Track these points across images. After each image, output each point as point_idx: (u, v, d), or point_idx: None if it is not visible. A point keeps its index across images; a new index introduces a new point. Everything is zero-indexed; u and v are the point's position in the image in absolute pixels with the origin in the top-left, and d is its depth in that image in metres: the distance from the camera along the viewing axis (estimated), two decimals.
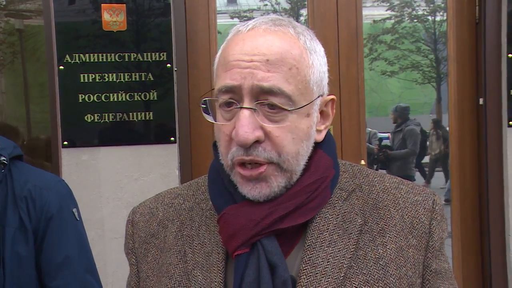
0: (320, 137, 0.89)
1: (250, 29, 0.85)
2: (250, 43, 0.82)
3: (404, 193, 0.92)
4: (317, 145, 0.89)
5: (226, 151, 0.85)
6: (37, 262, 1.38)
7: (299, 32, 0.86)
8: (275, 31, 0.84)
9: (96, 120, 2.44)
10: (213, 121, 0.86)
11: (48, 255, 1.38)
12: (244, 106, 0.81)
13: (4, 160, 1.36)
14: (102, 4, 2.43)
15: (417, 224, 0.89)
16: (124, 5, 2.45)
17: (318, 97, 0.87)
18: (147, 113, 2.48)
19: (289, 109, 0.81)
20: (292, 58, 0.82)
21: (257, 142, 0.81)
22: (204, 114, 0.87)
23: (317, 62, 0.86)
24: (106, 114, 2.45)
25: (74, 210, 1.46)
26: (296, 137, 0.83)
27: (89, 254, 1.47)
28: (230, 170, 0.86)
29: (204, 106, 0.87)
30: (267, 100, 0.81)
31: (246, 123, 0.80)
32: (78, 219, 1.47)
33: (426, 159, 7.94)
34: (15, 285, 1.33)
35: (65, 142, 2.43)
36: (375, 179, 0.94)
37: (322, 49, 0.89)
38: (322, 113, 0.89)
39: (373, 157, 6.16)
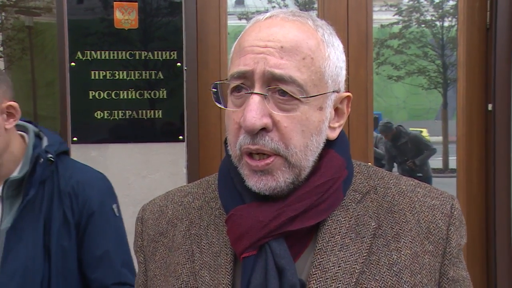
0: (334, 134, 0.87)
1: (267, 17, 0.84)
2: (266, 30, 0.81)
3: (421, 197, 0.88)
4: (329, 144, 0.86)
5: (234, 139, 0.82)
6: (78, 255, 1.44)
7: (318, 25, 0.85)
8: (293, 21, 0.83)
9: (105, 117, 2.45)
10: (224, 107, 0.84)
11: (89, 249, 1.44)
12: (254, 91, 0.79)
13: (51, 157, 1.41)
14: (114, 2, 2.44)
15: (434, 230, 0.85)
16: (136, 3, 2.45)
17: (333, 92, 0.84)
18: (156, 111, 2.48)
19: (300, 97, 0.79)
20: (307, 48, 0.80)
21: (265, 130, 0.79)
22: (215, 101, 0.86)
23: (334, 55, 0.84)
24: (116, 112, 2.46)
25: (114, 206, 1.51)
26: (306, 130, 0.80)
27: (126, 248, 1.51)
28: (238, 161, 0.84)
29: (215, 90, 0.85)
30: (277, 86, 0.79)
31: (255, 108, 0.78)
32: (118, 214, 1.52)
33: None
34: (60, 275, 1.40)
35: (75, 138, 2.44)
36: (391, 181, 0.90)
37: (341, 45, 0.87)
38: (337, 110, 0.87)
39: (405, 166, 6.21)
